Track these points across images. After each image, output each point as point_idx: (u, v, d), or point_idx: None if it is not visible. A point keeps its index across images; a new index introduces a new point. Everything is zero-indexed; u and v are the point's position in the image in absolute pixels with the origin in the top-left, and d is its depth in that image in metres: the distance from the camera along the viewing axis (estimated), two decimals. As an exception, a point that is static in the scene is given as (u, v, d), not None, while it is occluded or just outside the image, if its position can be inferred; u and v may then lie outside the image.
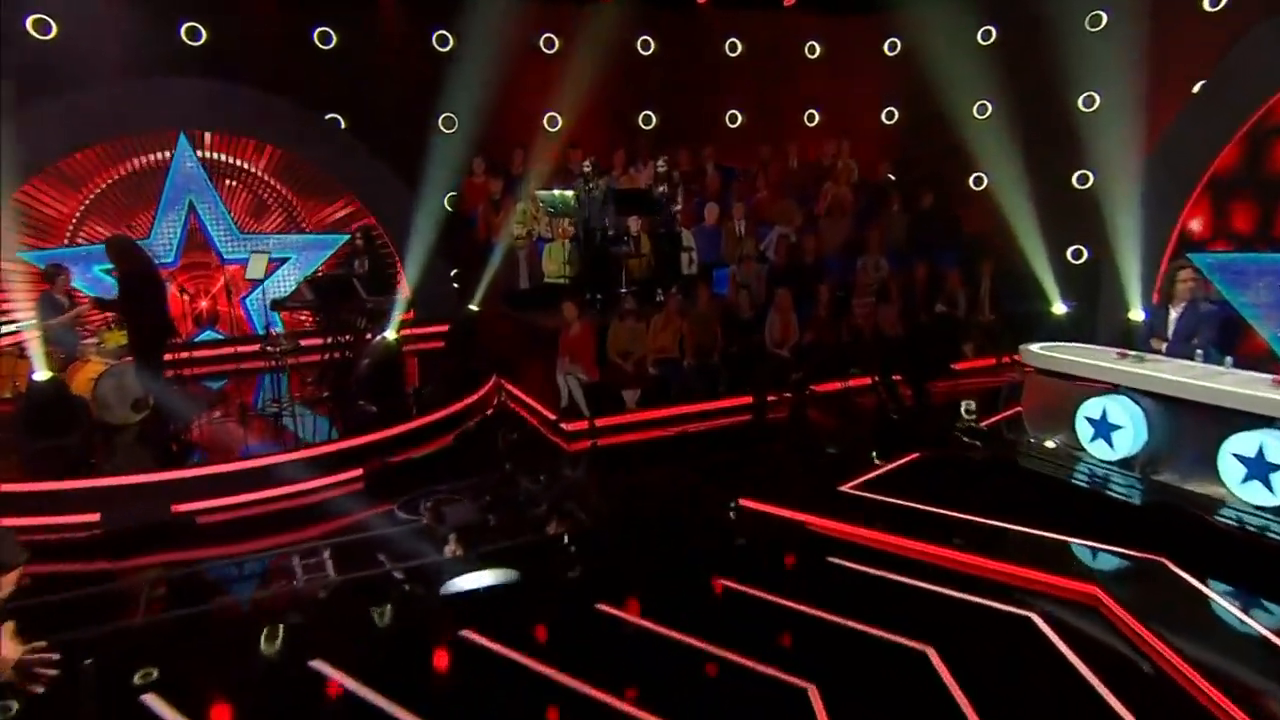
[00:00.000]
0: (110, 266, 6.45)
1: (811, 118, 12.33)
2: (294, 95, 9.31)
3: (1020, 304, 9.29)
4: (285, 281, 9.56)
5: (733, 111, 11.99)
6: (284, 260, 9.67)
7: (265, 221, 9.56)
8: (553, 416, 7.58)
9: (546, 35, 10.74)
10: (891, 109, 12.30)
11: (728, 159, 11.17)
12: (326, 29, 9.81)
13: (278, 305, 7.32)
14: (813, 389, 7.93)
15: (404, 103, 9.89)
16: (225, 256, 9.25)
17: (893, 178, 11.27)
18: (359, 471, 6.19)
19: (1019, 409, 6.34)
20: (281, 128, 9.30)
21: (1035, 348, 6.19)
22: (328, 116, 9.88)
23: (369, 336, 7.20)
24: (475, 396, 7.78)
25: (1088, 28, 9.80)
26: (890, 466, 6.16)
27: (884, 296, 8.89)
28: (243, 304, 9.30)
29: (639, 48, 11.34)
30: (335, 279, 7.40)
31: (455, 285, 9.77)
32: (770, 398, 7.76)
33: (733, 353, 8.24)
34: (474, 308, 8.70)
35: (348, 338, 7.31)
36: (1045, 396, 6.01)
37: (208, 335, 9.33)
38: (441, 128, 10.31)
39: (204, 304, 9.30)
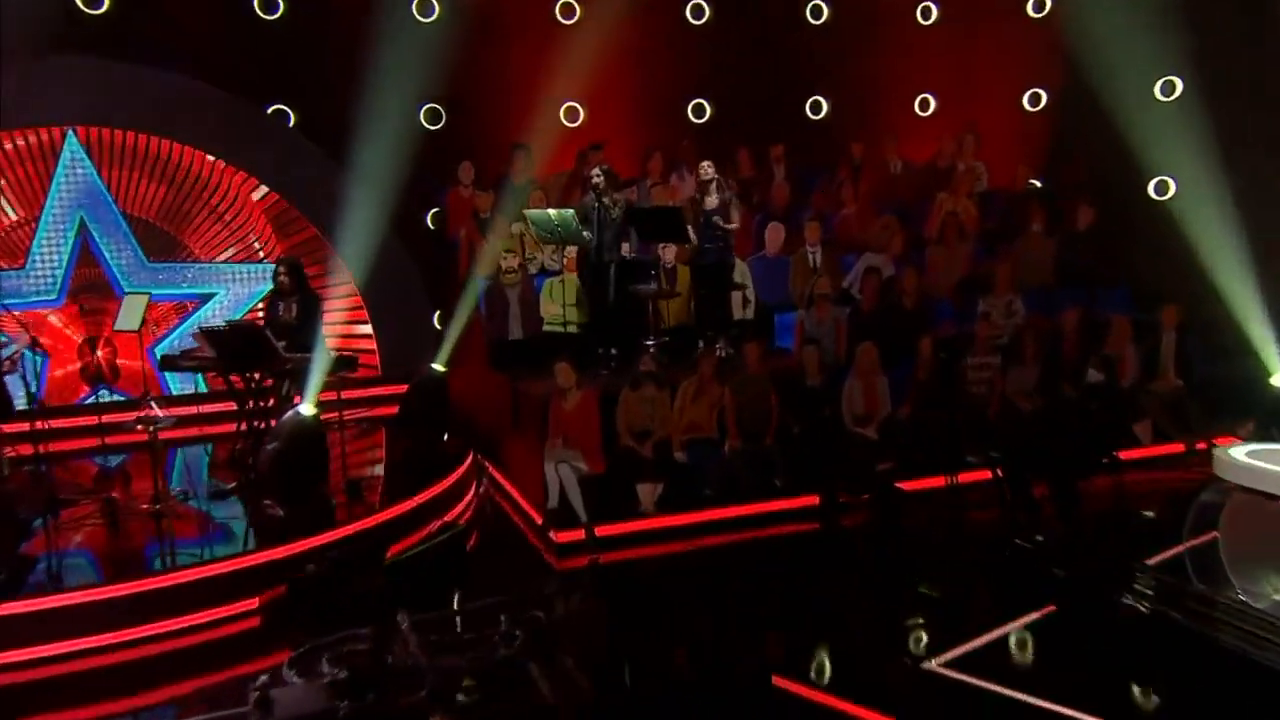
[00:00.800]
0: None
1: (924, 104, 11.88)
2: (226, 81, 9.16)
3: (1220, 368, 8.54)
4: (214, 323, 9.09)
5: (815, 98, 11.65)
6: (209, 297, 9.42)
7: (182, 247, 9.36)
8: (539, 519, 7.20)
9: (565, 1, 10.57)
10: (1037, 90, 11.80)
11: (804, 162, 10.84)
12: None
13: (168, 364, 6.95)
14: (904, 488, 7.27)
15: (372, 90, 9.45)
16: (127, 291, 8.95)
17: (1037, 184, 10.79)
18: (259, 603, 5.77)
19: (1215, 539, 5.43)
20: (208, 124, 9.11)
21: (1241, 453, 5.27)
22: (271, 109, 9.79)
23: (285, 408, 6.84)
24: (438, 488, 7.28)
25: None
26: (1012, 626, 5.33)
27: (1015, 355, 8.30)
28: (151, 355, 8.96)
29: (688, 15, 11.08)
30: (239, 329, 7.15)
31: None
32: (843, 499, 7.22)
33: (795, 433, 7.70)
34: (439, 367, 8.18)
35: (260, 405, 7.04)
36: (1259, 528, 5.11)
37: (109, 396, 9.11)
38: (424, 122, 10.23)
39: (99, 356, 9.06)
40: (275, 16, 9.74)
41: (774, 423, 7.64)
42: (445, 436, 7.98)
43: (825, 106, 11.59)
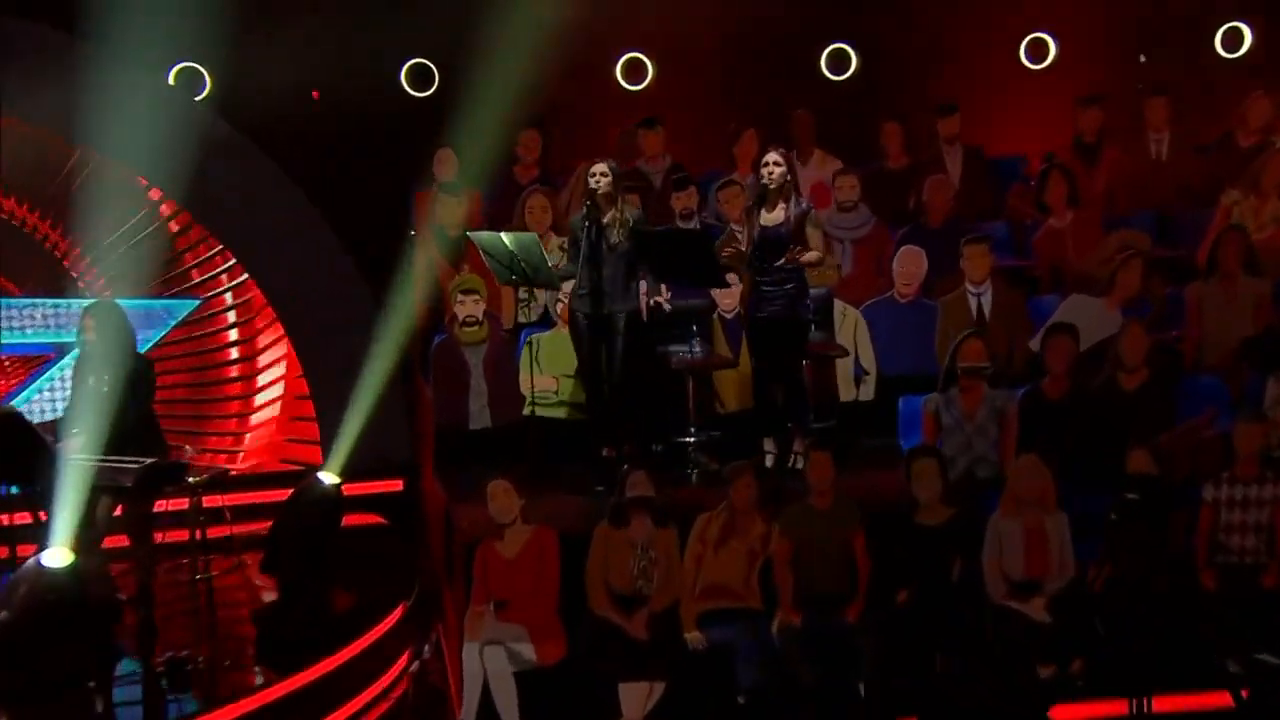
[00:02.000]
0: None
1: (1234, 39, 11.36)
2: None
3: None
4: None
5: (1035, 36, 11.52)
6: (67, 348, 9.59)
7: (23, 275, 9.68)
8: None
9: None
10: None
11: (1000, 140, 10.85)
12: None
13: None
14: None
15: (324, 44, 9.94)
16: None
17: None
18: None
19: None
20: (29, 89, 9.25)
21: None
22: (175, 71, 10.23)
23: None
24: (323, 667, 6.99)
25: None
26: None
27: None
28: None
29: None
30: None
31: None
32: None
33: (898, 606, 7.10)
34: (327, 478, 7.90)
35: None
36: None
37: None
38: (407, 86, 10.69)
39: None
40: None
41: (862, 588, 7.11)
42: (330, 588, 7.88)
43: (1052, 49, 11.38)
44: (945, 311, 8.66)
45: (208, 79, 10.34)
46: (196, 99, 10.13)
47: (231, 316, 10.31)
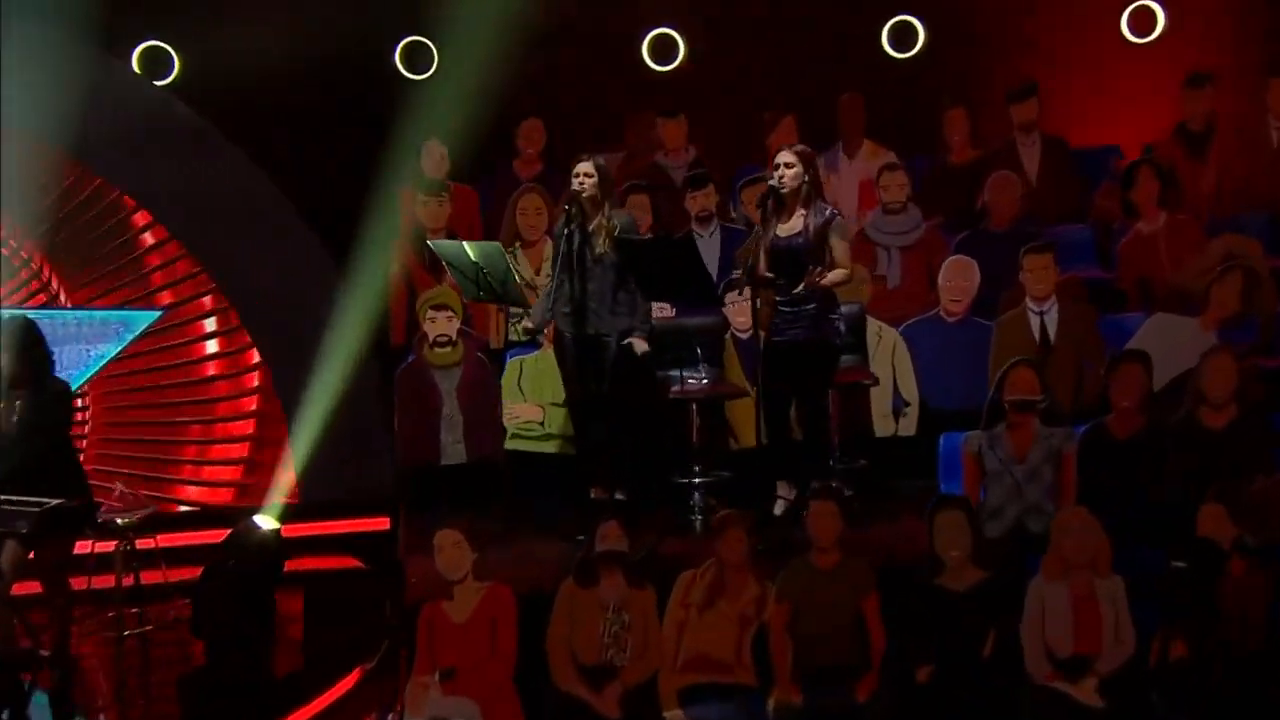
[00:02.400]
0: None
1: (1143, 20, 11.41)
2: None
3: None
4: None
5: (1140, 4, 11.23)
6: None
7: None
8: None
9: None
10: None
11: (1089, 129, 10.67)
12: None
13: None
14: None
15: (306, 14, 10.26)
16: None
17: None
18: None
19: None
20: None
21: None
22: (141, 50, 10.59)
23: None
24: None
25: None
26: None
27: None
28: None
29: None
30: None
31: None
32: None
33: (919, 683, 6.90)
34: (265, 522, 8.20)
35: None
36: None
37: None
38: (402, 67, 10.85)
39: None
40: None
41: (874, 661, 6.96)
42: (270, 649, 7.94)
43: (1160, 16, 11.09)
44: (1001, 333, 8.45)
45: (175, 60, 10.54)
46: (160, 82, 10.30)
47: (207, 325, 10.35)
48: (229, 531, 8.30)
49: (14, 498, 7.35)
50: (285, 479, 8.78)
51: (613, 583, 6.89)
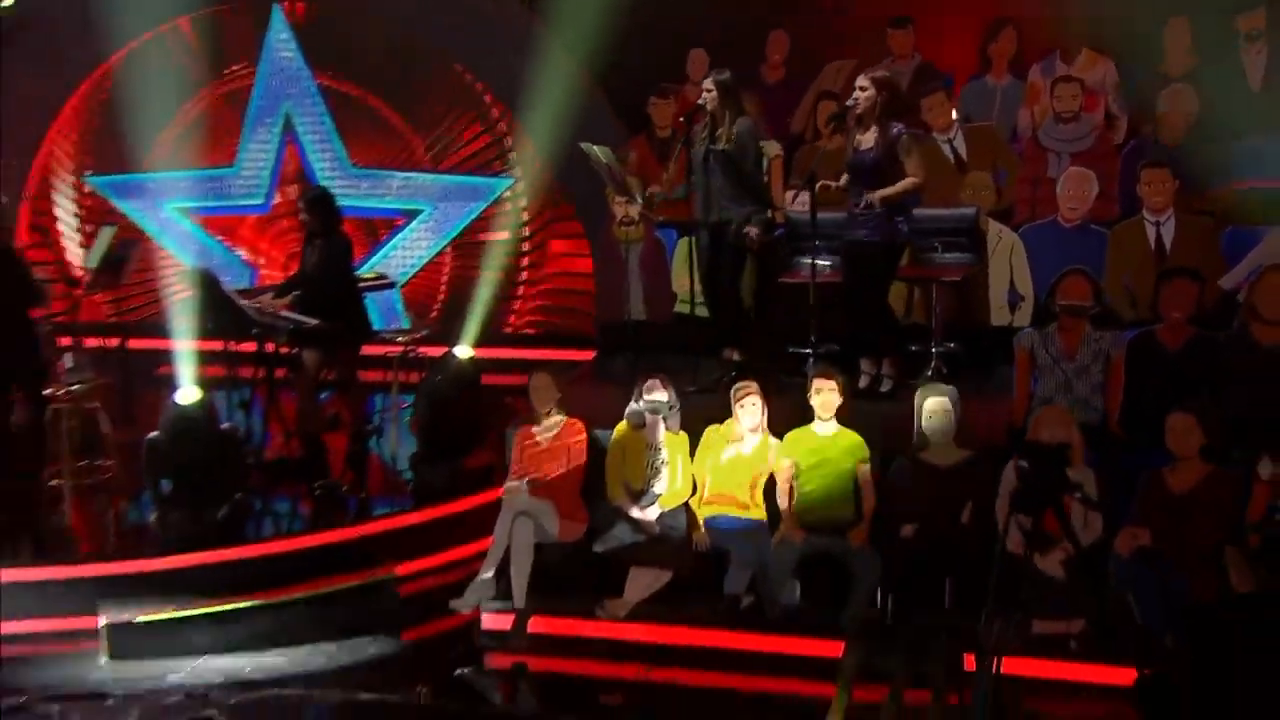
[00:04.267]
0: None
1: None
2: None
3: None
4: (418, 246, 11.36)
5: None
6: (413, 214, 11.29)
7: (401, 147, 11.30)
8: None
9: None
10: None
11: None
12: None
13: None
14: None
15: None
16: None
17: None
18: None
19: None
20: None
21: None
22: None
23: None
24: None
25: None
26: None
27: None
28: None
29: None
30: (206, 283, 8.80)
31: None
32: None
33: (906, 538, 7.05)
34: (463, 353, 9.04)
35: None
36: None
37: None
38: None
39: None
40: None
41: (866, 515, 7.19)
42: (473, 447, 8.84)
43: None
44: (1116, 241, 8.15)
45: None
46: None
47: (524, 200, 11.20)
48: (438, 361, 9.41)
49: (298, 315, 8.60)
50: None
51: (656, 428, 7.44)
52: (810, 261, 8.04)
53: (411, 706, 7.02)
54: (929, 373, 8.05)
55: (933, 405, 7.14)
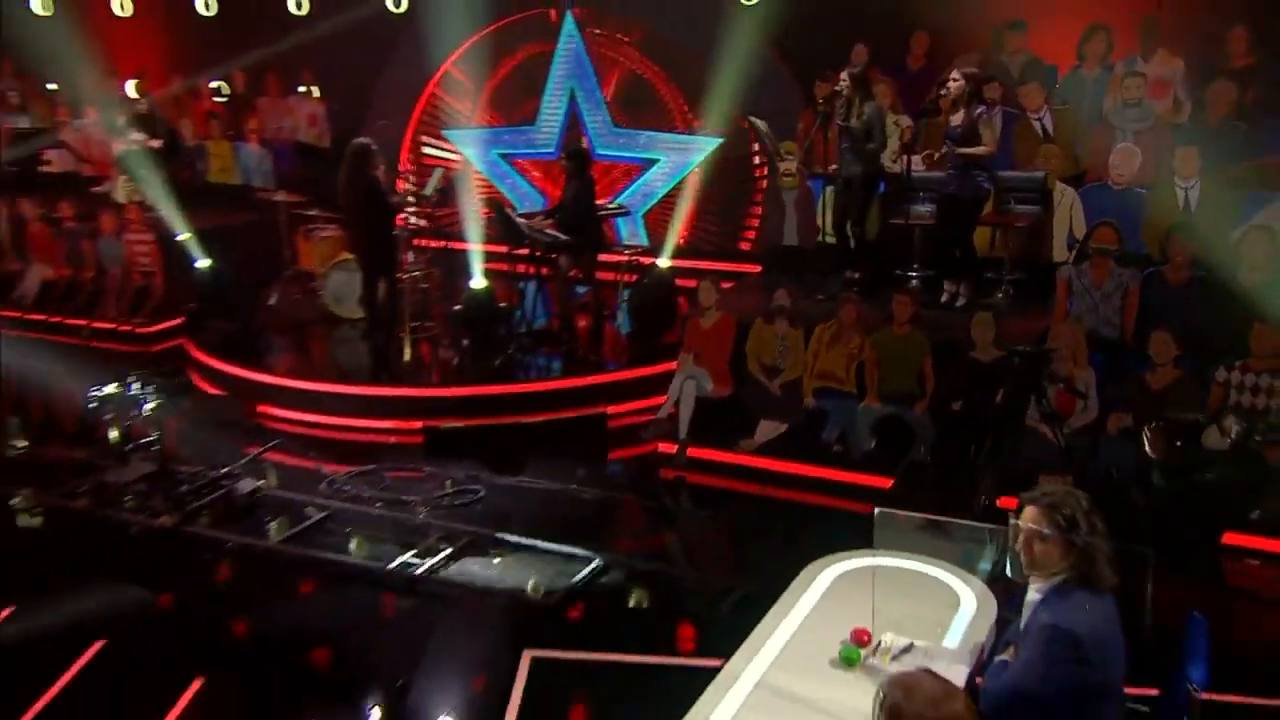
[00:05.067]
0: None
1: None
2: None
3: None
4: (654, 185, 11.98)
5: None
6: (652, 162, 11.95)
7: (641, 116, 11.95)
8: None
9: None
10: None
11: None
12: None
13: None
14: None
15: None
16: (597, 152, 11.87)
17: None
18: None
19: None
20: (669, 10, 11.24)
21: None
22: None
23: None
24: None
25: None
26: None
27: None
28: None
29: None
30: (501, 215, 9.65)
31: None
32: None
33: (954, 409, 7.44)
34: (663, 263, 9.63)
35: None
36: None
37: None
38: None
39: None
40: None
41: (927, 392, 7.58)
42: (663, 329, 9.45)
43: None
44: (1152, 198, 8.15)
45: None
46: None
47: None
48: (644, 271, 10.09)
49: (556, 233, 9.28)
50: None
51: (783, 323, 8.03)
52: (910, 208, 8.46)
53: (610, 499, 7.73)
54: (999, 294, 8.29)
55: (980, 318, 7.43)
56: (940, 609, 4.12)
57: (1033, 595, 3.43)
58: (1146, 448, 6.63)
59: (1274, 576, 6.53)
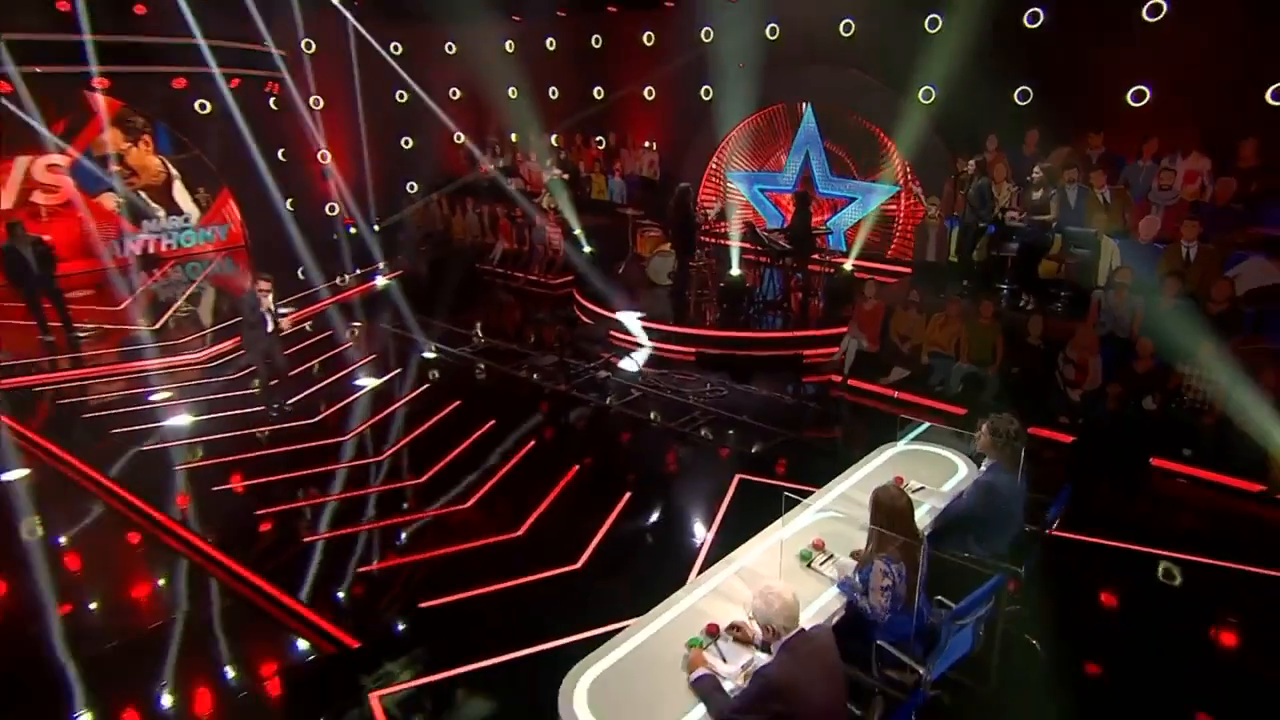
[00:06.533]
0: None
1: None
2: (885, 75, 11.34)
3: None
4: (852, 214, 12.52)
5: None
6: (851, 199, 12.58)
7: (846, 169, 12.50)
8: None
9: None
10: None
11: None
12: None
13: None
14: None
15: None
16: (820, 190, 12.71)
17: None
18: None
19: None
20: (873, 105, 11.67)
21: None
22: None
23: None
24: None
25: None
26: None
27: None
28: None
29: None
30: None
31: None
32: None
33: (1014, 372, 8.00)
34: (848, 266, 10.25)
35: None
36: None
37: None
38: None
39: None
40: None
41: (998, 360, 8.05)
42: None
43: None
44: (1165, 254, 8.04)
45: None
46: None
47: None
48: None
49: (783, 243, 9.90)
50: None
51: (913, 311, 8.59)
52: (1005, 245, 8.75)
53: (801, 404, 8.17)
54: (1058, 305, 8.52)
55: (1034, 319, 7.86)
56: (947, 473, 5.20)
57: (981, 469, 4.61)
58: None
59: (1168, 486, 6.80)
